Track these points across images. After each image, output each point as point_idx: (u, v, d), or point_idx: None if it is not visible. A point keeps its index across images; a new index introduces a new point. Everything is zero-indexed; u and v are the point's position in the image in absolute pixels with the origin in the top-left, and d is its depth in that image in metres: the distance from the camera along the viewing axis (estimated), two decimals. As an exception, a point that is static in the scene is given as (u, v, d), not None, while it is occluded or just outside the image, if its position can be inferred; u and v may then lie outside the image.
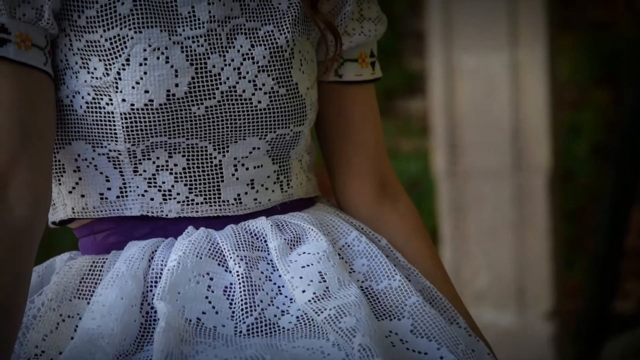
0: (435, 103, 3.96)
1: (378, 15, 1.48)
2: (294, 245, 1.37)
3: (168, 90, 1.32)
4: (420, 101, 4.93)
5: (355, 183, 1.49)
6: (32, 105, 1.29)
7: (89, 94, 1.33)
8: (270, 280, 1.33)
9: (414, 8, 4.92)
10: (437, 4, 3.84)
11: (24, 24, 1.29)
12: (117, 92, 1.32)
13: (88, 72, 1.33)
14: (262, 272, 1.33)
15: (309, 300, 1.29)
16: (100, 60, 1.32)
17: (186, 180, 1.36)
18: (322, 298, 1.30)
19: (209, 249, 1.34)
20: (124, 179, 1.36)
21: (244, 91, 1.35)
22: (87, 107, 1.34)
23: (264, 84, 1.36)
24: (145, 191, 1.36)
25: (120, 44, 1.31)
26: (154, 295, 1.30)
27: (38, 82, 1.30)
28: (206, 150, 1.36)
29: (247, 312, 1.30)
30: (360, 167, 1.48)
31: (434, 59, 3.92)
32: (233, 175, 1.38)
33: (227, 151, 1.37)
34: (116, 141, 1.34)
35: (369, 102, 1.50)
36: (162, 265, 1.33)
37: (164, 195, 1.36)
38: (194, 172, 1.36)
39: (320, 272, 1.32)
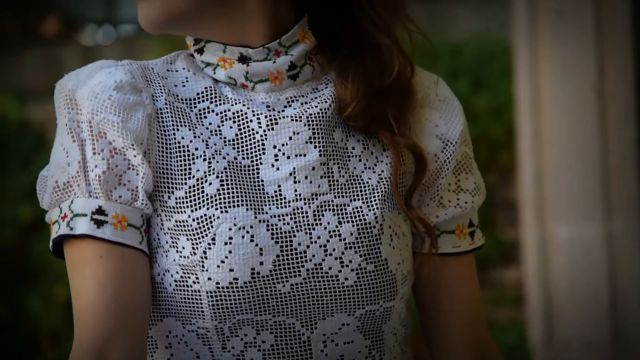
0: (529, 273, 3.91)
1: (476, 186, 1.46)
2: None
3: (253, 269, 1.32)
4: (515, 271, 4.88)
5: (453, 355, 1.46)
6: (129, 283, 1.31)
7: (177, 273, 1.34)
8: None
9: (506, 178, 4.92)
10: (529, 174, 3.84)
11: (120, 206, 1.32)
12: (203, 270, 1.33)
13: (177, 251, 1.34)
14: None
15: None
16: (188, 239, 1.33)
17: (275, 357, 1.35)
18: None
19: None
20: (213, 356, 1.35)
21: (330, 268, 1.35)
22: (176, 285, 1.35)
23: (351, 261, 1.35)
24: None
25: (207, 224, 1.33)
26: None
27: (134, 261, 1.32)
28: (294, 327, 1.35)
29: None
30: (459, 339, 1.46)
31: (528, 229, 3.89)
32: (322, 351, 1.36)
33: (316, 328, 1.36)
34: (203, 319, 1.34)
35: (467, 273, 1.48)
36: None
37: None
38: (282, 348, 1.35)
39: None
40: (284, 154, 1.36)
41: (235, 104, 1.38)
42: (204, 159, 1.34)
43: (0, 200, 7.09)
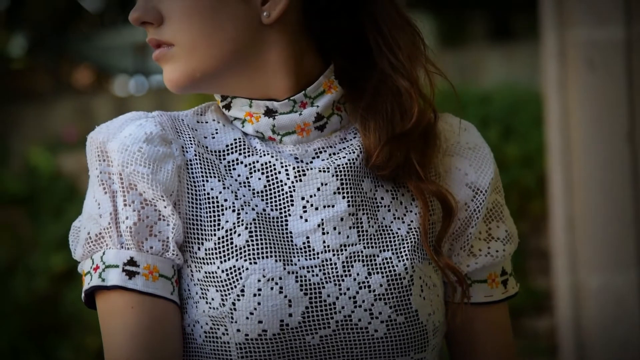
0: (562, 322, 3.87)
1: (507, 234, 1.45)
2: None
3: (282, 321, 1.32)
4: (548, 320, 4.84)
5: None
6: (160, 333, 1.32)
7: (207, 324, 1.34)
8: None
9: (538, 226, 4.90)
10: (560, 223, 3.82)
11: (151, 256, 1.33)
12: (232, 322, 1.32)
13: (206, 302, 1.34)
14: None
15: None
16: (217, 290, 1.33)
17: None
18: None
19: None
20: None
21: (359, 320, 1.34)
22: (206, 337, 1.34)
23: (380, 313, 1.35)
24: None
25: (236, 275, 1.33)
26: None
27: (165, 311, 1.33)
28: None
29: None
30: None
31: (560, 277, 3.86)
32: None
33: None
34: None
35: (500, 322, 1.47)
36: None
37: None
38: None
39: None
40: (312, 205, 1.37)
41: (264, 155, 1.38)
42: (233, 210, 1.35)
43: (32, 251, 7.14)
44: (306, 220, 1.36)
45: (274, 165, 1.38)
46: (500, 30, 11.20)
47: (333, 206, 1.36)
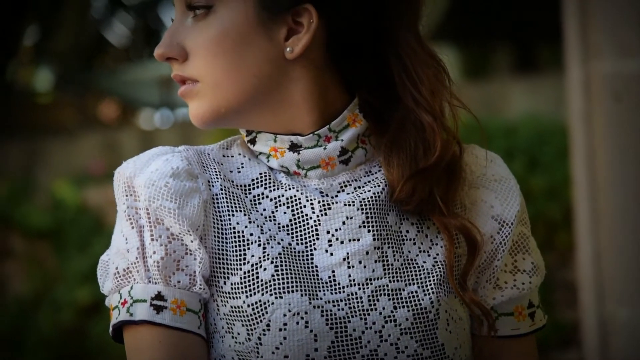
0: (589, 355, 3.84)
1: (534, 267, 1.45)
2: None
3: (307, 355, 1.32)
4: (575, 353, 4.81)
5: None
6: None
7: (233, 358, 1.34)
8: None
9: (564, 259, 4.88)
10: (588, 255, 3.80)
11: (178, 291, 1.33)
12: (258, 357, 1.32)
13: (232, 337, 1.34)
14: None
15: None
16: (243, 325, 1.33)
17: None
18: None
19: None
20: None
21: (385, 354, 1.34)
22: None
23: (407, 347, 1.34)
24: None
25: (262, 310, 1.33)
26: None
27: (192, 345, 1.33)
28: None
29: None
30: None
31: (587, 310, 3.83)
32: None
33: None
34: None
35: (528, 355, 1.46)
36: None
37: None
38: None
39: None
40: (337, 239, 1.37)
41: (289, 189, 1.38)
42: (259, 245, 1.35)
43: (58, 284, 7.15)
44: (332, 254, 1.36)
45: (299, 199, 1.38)
46: (525, 61, 11.20)
47: (358, 240, 1.36)
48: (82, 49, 12.71)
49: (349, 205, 1.37)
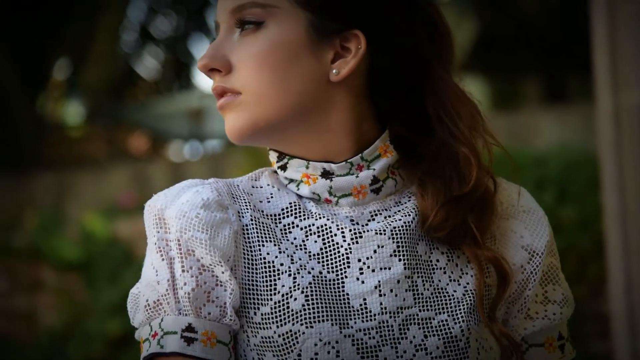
0: (622, 388, 3.81)
1: (564, 297, 1.45)
2: None
3: None
4: (607, 385, 4.76)
5: None
6: None
7: (263, 389, 1.34)
8: None
9: (596, 290, 4.84)
10: (619, 286, 3.77)
11: (209, 322, 1.33)
12: None
13: (263, 367, 1.34)
14: None
15: None
16: (274, 355, 1.33)
17: None
18: None
19: None
20: None
21: None
22: None
23: None
24: None
25: (292, 340, 1.32)
26: None
27: None
28: None
29: None
30: None
31: (619, 342, 3.80)
32: None
33: None
34: None
35: None
36: None
37: None
38: None
39: None
40: (368, 267, 1.37)
41: (320, 218, 1.39)
42: (289, 274, 1.35)
43: (89, 316, 7.18)
44: (363, 282, 1.36)
45: (330, 227, 1.38)
46: (554, 92, 11.19)
47: (389, 268, 1.37)
48: (113, 82, 12.81)
49: (380, 234, 1.38)
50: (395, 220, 1.39)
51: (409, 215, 1.40)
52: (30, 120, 12.15)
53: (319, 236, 1.38)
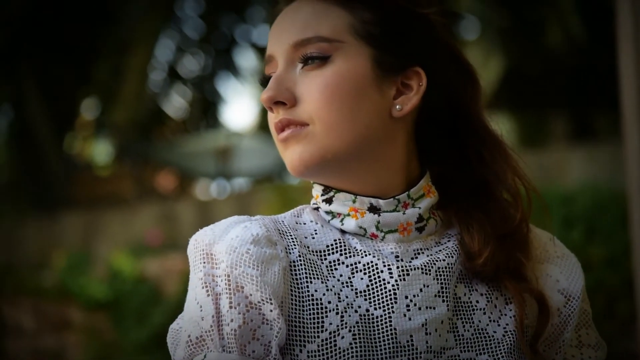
0: None
1: (597, 341, 1.47)
2: None
3: None
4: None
5: None
6: None
7: None
8: None
9: (625, 329, 4.80)
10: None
11: None
12: None
13: (308, 406, 1.33)
14: None
15: None
16: None
17: None
18: None
19: None
20: None
21: None
22: None
23: None
24: None
25: None
26: None
27: None
28: None
29: None
30: None
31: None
32: None
33: None
34: None
35: None
36: None
37: None
38: None
39: None
40: (415, 304, 1.37)
41: (365, 255, 1.39)
42: (337, 313, 1.34)
43: (117, 354, 7.17)
44: (410, 319, 1.36)
45: (376, 264, 1.38)
46: (581, 129, 11.16)
47: (434, 308, 1.37)
48: (140, 121, 12.89)
49: (426, 273, 1.38)
50: (439, 260, 1.39)
51: (452, 256, 1.40)
52: (58, 160, 12.24)
53: (365, 273, 1.38)
